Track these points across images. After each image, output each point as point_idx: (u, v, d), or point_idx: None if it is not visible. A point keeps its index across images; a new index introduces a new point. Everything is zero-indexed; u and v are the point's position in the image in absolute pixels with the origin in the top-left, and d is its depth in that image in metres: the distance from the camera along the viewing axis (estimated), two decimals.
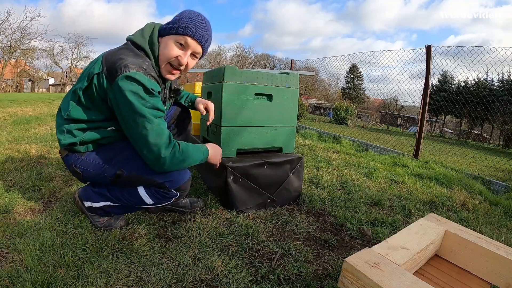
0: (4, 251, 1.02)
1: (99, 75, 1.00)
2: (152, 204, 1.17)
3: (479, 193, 2.13)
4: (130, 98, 0.96)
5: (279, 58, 44.40)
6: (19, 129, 3.36)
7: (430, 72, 3.34)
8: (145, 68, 1.01)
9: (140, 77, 0.97)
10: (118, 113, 1.02)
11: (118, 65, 0.97)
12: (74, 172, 1.14)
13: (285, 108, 1.65)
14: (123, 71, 0.96)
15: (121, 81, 0.96)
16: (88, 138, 1.08)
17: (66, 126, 1.07)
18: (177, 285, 0.93)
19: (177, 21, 1.08)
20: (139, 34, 1.09)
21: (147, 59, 1.06)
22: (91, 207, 1.20)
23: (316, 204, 1.64)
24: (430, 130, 21.91)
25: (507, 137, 11.59)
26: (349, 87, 30.22)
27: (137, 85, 0.97)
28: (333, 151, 3.40)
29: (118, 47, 1.09)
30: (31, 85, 29.15)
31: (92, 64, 1.06)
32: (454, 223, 1.11)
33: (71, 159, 1.12)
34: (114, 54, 1.03)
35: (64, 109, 1.08)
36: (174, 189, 1.13)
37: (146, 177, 1.10)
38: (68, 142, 1.08)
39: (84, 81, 1.03)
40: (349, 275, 0.77)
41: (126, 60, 0.98)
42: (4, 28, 22.91)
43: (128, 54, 1.02)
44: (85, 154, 1.11)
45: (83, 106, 1.06)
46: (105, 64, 1.00)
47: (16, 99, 8.54)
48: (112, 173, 1.11)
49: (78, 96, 1.05)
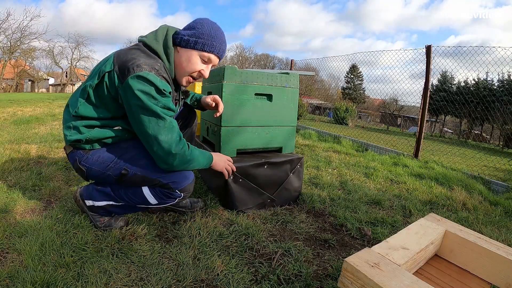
0: (4, 251, 1.02)
1: (111, 73, 1.02)
2: (156, 204, 1.17)
3: (479, 193, 2.13)
4: (141, 97, 0.98)
5: (279, 58, 44.51)
6: (19, 129, 3.36)
7: (430, 72, 3.34)
8: (157, 69, 1.02)
9: (152, 78, 0.99)
10: (129, 111, 1.03)
11: (130, 64, 0.99)
12: (78, 169, 1.14)
13: (285, 108, 1.65)
14: (135, 71, 0.98)
15: (133, 80, 0.97)
16: (95, 136, 1.09)
17: (73, 122, 1.08)
18: (177, 285, 0.93)
19: (201, 36, 1.09)
20: (153, 38, 1.10)
21: (159, 61, 1.07)
22: (92, 206, 1.20)
23: (316, 204, 1.64)
24: (430, 130, 21.90)
25: (507, 137, 11.59)
26: (349, 87, 30.24)
27: (149, 85, 0.99)
28: (333, 151, 3.40)
29: (130, 46, 1.10)
30: (31, 85, 29.15)
31: (103, 62, 1.07)
32: (454, 223, 1.11)
33: (76, 155, 1.12)
34: (126, 53, 1.04)
35: (72, 105, 1.09)
36: (178, 190, 1.13)
37: (151, 178, 1.10)
38: (74, 138, 1.08)
39: (95, 79, 1.04)
40: (349, 275, 0.77)
41: (138, 60, 1.00)
42: (4, 28, 22.94)
43: (140, 55, 1.03)
44: (90, 152, 1.12)
45: (92, 104, 1.07)
46: (117, 63, 1.01)
47: (16, 99, 8.54)
48: (117, 172, 1.11)
49: (87, 93, 1.05)
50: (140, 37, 1.13)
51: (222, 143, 1.51)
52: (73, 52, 30.70)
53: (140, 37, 1.13)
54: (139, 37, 1.13)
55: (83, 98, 1.06)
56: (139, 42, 1.12)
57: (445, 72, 18.38)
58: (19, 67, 25.38)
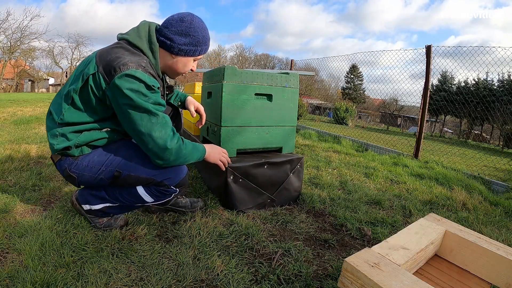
0: (4, 251, 1.02)
1: (95, 75, 0.99)
2: (152, 201, 1.17)
3: (479, 193, 2.13)
4: (131, 96, 0.96)
5: (279, 58, 44.51)
6: (19, 129, 3.36)
7: (430, 72, 3.34)
8: (143, 65, 1.01)
9: (140, 75, 0.97)
10: (118, 111, 1.01)
11: (116, 63, 0.96)
12: (68, 177, 1.10)
13: (285, 108, 1.65)
14: (122, 70, 0.95)
15: (120, 79, 0.95)
16: (83, 140, 1.06)
17: (59, 129, 1.04)
18: (177, 285, 0.93)
19: (197, 44, 1.12)
20: (135, 34, 1.07)
21: (144, 57, 1.05)
22: (90, 210, 1.19)
23: (316, 204, 1.64)
24: (430, 130, 21.89)
25: (507, 137, 11.59)
26: (349, 87, 30.23)
27: (138, 82, 0.97)
28: (333, 151, 3.40)
29: (111, 46, 1.06)
30: (31, 85, 29.14)
31: (85, 64, 1.04)
32: (454, 223, 1.11)
33: (65, 163, 1.09)
34: (108, 52, 1.01)
35: (56, 112, 1.05)
36: (173, 185, 1.13)
37: (145, 177, 1.10)
38: (62, 146, 1.04)
39: (78, 82, 1.00)
40: (349, 275, 0.77)
41: (123, 59, 0.97)
42: (4, 28, 22.93)
43: (125, 53, 1.00)
44: (79, 158, 1.08)
45: (78, 108, 1.03)
46: (100, 63, 0.99)
47: (16, 99, 8.54)
48: (109, 175, 1.09)
49: (71, 98, 1.02)
50: (120, 34, 1.10)
51: (222, 143, 1.51)
52: (73, 52, 30.74)
53: (120, 34, 1.10)
54: (119, 34, 1.10)
55: (67, 103, 1.02)
56: (120, 40, 1.09)
57: (445, 72, 18.39)
58: (19, 67, 25.37)
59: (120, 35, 1.10)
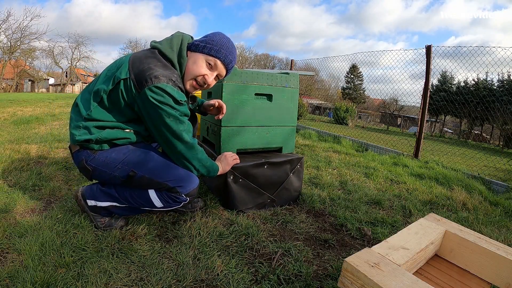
0: (4, 251, 1.02)
1: (126, 81, 1.02)
2: (162, 207, 1.16)
3: (479, 193, 2.13)
4: (161, 107, 1.01)
5: (279, 58, 44.51)
6: (19, 129, 3.36)
7: (430, 72, 3.34)
8: (174, 80, 1.04)
9: (170, 90, 1.01)
10: (147, 118, 1.06)
11: (148, 74, 0.99)
12: (83, 168, 1.13)
13: (285, 108, 1.65)
14: (153, 82, 0.99)
15: (151, 91, 0.99)
16: (105, 137, 1.09)
17: (83, 122, 1.07)
18: (177, 285, 0.93)
19: (210, 42, 1.12)
20: (168, 45, 1.10)
21: (175, 71, 1.08)
22: (95, 207, 1.20)
23: (316, 204, 1.64)
24: (430, 130, 21.89)
25: (507, 137, 11.59)
26: (349, 87, 30.23)
27: (168, 96, 1.01)
28: (333, 151, 3.40)
29: (144, 53, 1.09)
30: (31, 85, 29.15)
31: (116, 67, 1.07)
32: (454, 223, 1.11)
33: (82, 155, 1.12)
34: (141, 61, 1.04)
35: (84, 107, 1.08)
36: (185, 194, 1.13)
37: (159, 181, 1.11)
38: (83, 138, 1.07)
39: (109, 84, 1.04)
40: (349, 275, 0.77)
41: (156, 71, 1.01)
42: (4, 28, 22.96)
43: (157, 64, 1.04)
44: (97, 152, 1.11)
45: (105, 108, 1.08)
46: (133, 71, 1.02)
47: (16, 99, 8.54)
48: (124, 173, 1.10)
49: (100, 98, 1.06)
50: (153, 42, 1.13)
51: (222, 143, 1.51)
52: (73, 52, 30.75)
53: (153, 42, 1.13)
54: (153, 42, 1.13)
55: (96, 102, 1.07)
56: (153, 48, 1.11)
57: (445, 72, 18.39)
58: (19, 67, 25.36)
59: (154, 43, 1.13)
